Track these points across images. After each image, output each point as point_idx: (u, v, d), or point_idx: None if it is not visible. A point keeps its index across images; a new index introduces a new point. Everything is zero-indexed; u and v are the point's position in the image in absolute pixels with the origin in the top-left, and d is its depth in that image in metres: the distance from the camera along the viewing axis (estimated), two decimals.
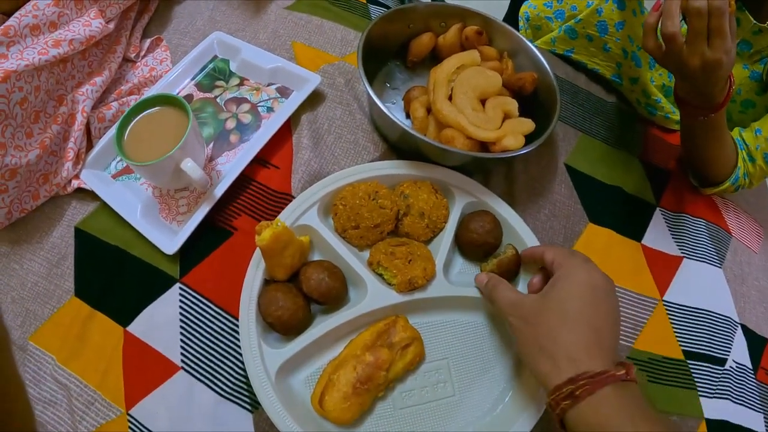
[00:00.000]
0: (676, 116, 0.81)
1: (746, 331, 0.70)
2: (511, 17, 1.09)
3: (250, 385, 0.54)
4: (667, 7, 0.57)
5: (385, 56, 0.75)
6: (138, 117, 0.61)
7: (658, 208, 0.76)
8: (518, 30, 0.93)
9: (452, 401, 0.59)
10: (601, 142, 0.79)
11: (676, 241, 0.73)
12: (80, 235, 0.63)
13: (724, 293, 0.71)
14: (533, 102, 0.70)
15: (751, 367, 0.69)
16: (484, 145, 0.63)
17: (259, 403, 0.54)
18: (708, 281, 0.72)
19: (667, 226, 0.74)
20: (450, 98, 0.64)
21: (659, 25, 0.59)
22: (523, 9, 0.93)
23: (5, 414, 0.30)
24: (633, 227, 0.73)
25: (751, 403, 0.66)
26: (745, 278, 0.75)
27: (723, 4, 0.53)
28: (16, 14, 0.60)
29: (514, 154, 0.61)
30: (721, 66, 0.57)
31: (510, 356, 0.61)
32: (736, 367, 0.67)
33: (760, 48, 0.72)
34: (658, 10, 0.59)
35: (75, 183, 0.64)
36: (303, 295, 0.57)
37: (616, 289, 0.66)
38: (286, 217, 0.60)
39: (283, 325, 0.55)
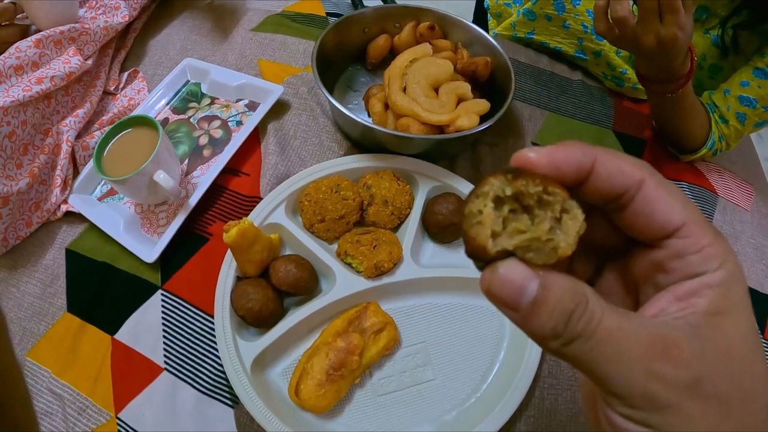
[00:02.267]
0: None
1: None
2: (480, 17, 1.11)
3: (229, 381, 0.56)
4: None
5: (345, 62, 0.79)
6: (114, 139, 0.65)
7: None
8: (488, 23, 0.95)
9: (433, 385, 0.59)
10: (569, 118, 0.79)
11: None
12: (71, 255, 0.67)
13: None
14: (492, 86, 0.72)
15: (756, 327, 0.66)
16: (442, 131, 0.65)
17: (238, 398, 0.55)
18: None
19: None
20: (405, 90, 0.67)
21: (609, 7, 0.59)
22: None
23: (5, 399, 0.30)
24: None
25: None
26: (738, 237, 0.72)
27: None
28: (1, 57, 0.66)
29: (468, 133, 0.62)
30: (677, 41, 0.56)
31: (489, 335, 0.61)
32: None
33: (716, 10, 0.72)
34: None
35: (64, 207, 0.68)
36: (273, 288, 0.59)
37: None
38: (255, 216, 0.63)
39: (253, 317, 0.57)
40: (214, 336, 0.59)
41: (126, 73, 0.79)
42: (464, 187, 0.66)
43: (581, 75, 0.86)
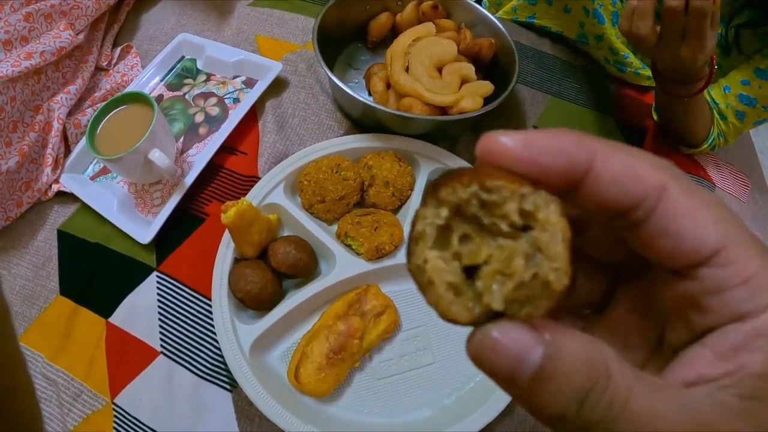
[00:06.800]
0: (647, 71, 0.80)
1: None
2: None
3: (227, 365, 0.54)
4: (641, 6, 0.55)
5: (346, 39, 0.77)
6: (108, 116, 0.63)
7: None
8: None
9: (432, 369, 0.58)
10: (571, 103, 0.78)
11: None
12: (62, 236, 0.65)
13: None
14: (495, 68, 0.71)
15: None
16: (444, 112, 0.64)
17: (236, 382, 0.54)
18: None
19: None
20: (407, 70, 0.65)
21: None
22: None
23: (8, 389, 0.30)
24: None
25: None
26: None
27: (705, 4, 0.50)
28: None
29: (471, 115, 0.61)
30: (695, 62, 0.55)
31: None
32: None
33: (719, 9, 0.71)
34: None
35: (55, 187, 0.66)
36: (272, 270, 0.58)
37: None
38: (253, 197, 0.61)
39: (252, 300, 0.56)
40: (211, 318, 0.58)
41: (119, 49, 0.77)
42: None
43: (584, 60, 0.85)
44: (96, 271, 0.62)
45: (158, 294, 0.60)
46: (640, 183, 0.16)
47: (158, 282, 0.61)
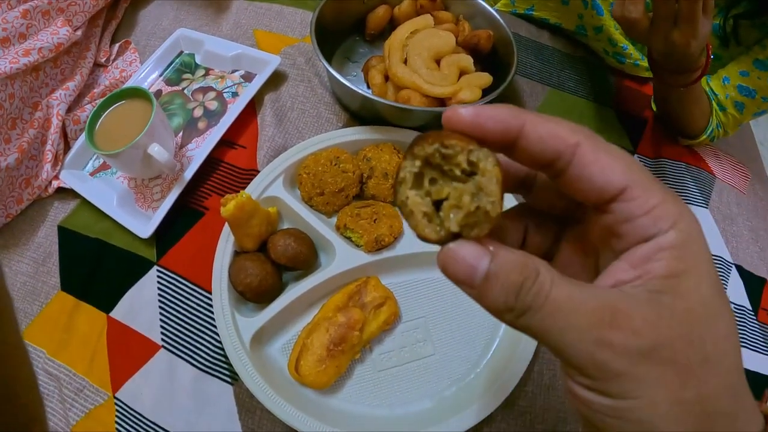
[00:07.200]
0: (646, 63, 0.79)
1: (742, 271, 0.68)
2: None
3: (228, 358, 0.55)
4: None
5: (344, 32, 0.77)
6: (107, 112, 0.63)
7: (635, 156, 0.74)
8: None
9: (432, 360, 0.58)
10: (570, 94, 0.78)
11: None
12: (63, 232, 0.65)
13: (712, 233, 0.69)
14: (493, 60, 0.70)
15: (750, 308, 0.66)
16: (443, 104, 0.64)
17: (237, 375, 0.54)
18: None
19: None
20: (405, 62, 0.65)
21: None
22: None
23: (10, 380, 0.30)
24: None
25: (755, 345, 0.64)
26: (735, 218, 0.72)
27: None
28: None
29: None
30: (688, 48, 0.55)
31: None
32: (734, 308, 0.65)
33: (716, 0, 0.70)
34: None
35: (55, 183, 0.67)
36: (272, 263, 0.58)
37: None
38: (253, 190, 0.62)
39: (252, 292, 0.56)
40: (212, 312, 0.58)
41: (117, 45, 0.77)
42: None
43: (583, 51, 0.84)
44: (97, 267, 0.62)
45: (159, 288, 0.60)
46: (559, 140, 0.22)
47: (158, 276, 0.61)
